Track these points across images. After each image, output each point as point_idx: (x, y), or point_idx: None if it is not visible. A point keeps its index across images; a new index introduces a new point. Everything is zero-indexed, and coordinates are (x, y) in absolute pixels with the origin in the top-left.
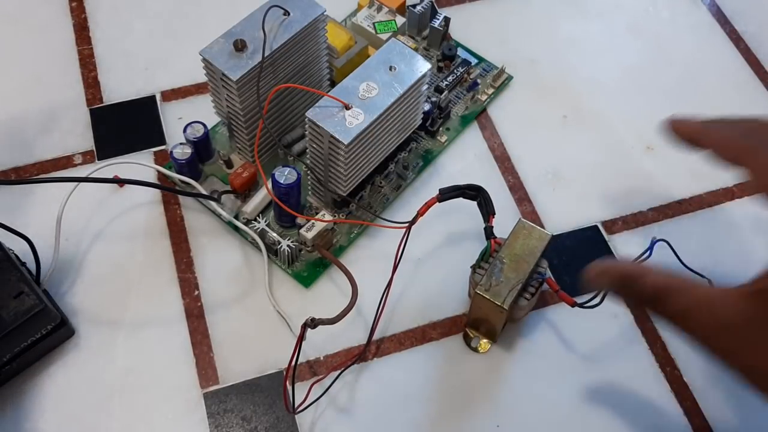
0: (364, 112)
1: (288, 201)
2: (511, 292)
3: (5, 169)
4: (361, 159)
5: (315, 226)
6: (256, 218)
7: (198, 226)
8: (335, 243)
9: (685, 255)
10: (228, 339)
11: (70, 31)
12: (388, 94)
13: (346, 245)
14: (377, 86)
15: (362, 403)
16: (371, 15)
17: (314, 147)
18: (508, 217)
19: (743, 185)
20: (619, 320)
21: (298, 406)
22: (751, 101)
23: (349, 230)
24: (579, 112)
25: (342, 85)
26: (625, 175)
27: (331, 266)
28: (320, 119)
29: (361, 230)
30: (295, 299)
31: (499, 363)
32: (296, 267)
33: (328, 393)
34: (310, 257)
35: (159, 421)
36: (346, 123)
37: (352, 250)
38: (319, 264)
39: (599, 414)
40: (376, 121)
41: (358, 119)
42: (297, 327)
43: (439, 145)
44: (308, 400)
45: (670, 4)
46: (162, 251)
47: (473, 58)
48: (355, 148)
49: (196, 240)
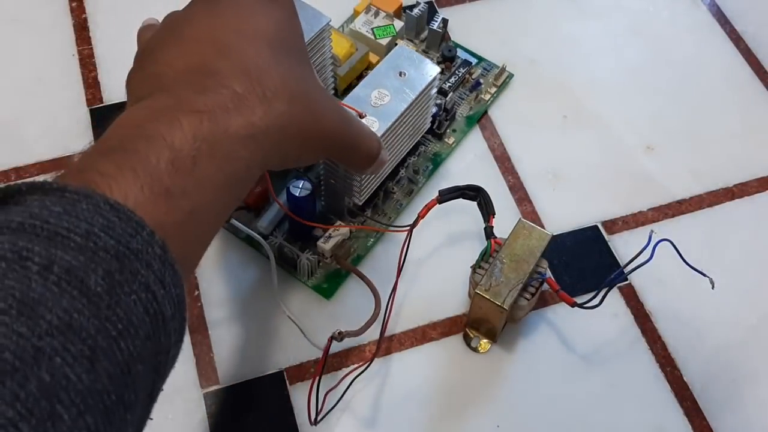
0: (378, 120)
1: (303, 213)
2: (511, 292)
3: (5, 170)
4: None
5: (332, 237)
6: (273, 233)
7: None
8: (353, 252)
9: (685, 255)
10: (228, 339)
11: (70, 31)
12: (400, 100)
13: (364, 254)
14: (389, 93)
15: (362, 403)
16: (369, 20)
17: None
18: (508, 217)
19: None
20: (619, 320)
21: (317, 416)
22: (751, 101)
23: (365, 239)
24: (579, 112)
25: (354, 94)
26: (625, 175)
27: (348, 275)
28: None
29: (377, 237)
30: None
31: (499, 363)
32: (315, 279)
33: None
34: (328, 268)
35: (159, 421)
36: None
37: (367, 258)
38: (338, 274)
39: (599, 414)
40: (390, 128)
41: (373, 127)
42: (313, 336)
43: (447, 147)
44: (324, 409)
45: (670, 4)
46: None
47: (473, 59)
48: None
49: None
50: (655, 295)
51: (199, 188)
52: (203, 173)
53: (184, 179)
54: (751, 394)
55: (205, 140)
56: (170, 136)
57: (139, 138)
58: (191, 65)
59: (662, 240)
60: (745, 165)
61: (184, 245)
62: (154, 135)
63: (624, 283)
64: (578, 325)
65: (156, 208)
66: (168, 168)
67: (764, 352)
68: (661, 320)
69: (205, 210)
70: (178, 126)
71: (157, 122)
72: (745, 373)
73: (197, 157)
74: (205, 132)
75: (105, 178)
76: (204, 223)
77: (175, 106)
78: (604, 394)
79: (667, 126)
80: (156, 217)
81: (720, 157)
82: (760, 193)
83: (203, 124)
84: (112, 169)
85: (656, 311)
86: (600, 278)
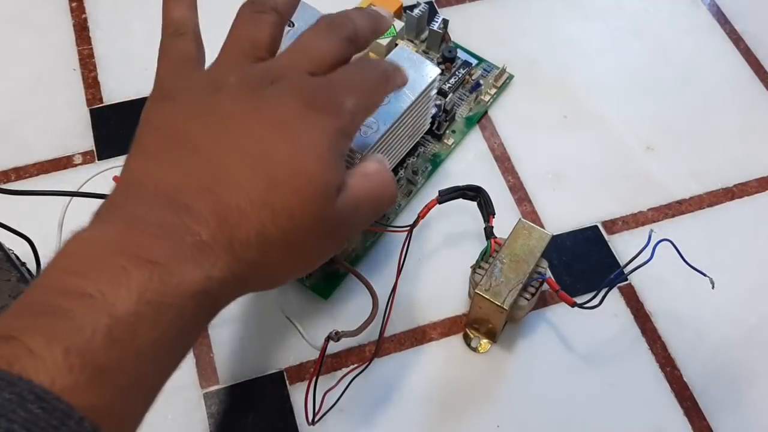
0: (378, 121)
1: None
2: (511, 292)
3: (5, 170)
4: None
5: None
6: None
7: None
8: (351, 252)
9: (685, 255)
10: (228, 339)
11: (70, 31)
12: (400, 101)
13: (363, 254)
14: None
15: (362, 403)
16: None
17: None
18: (508, 217)
19: (743, 185)
20: (619, 320)
21: (315, 416)
22: (751, 101)
23: (363, 239)
24: (579, 112)
25: None
26: (625, 175)
27: (347, 275)
28: None
29: (376, 238)
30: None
31: (499, 363)
32: (313, 279)
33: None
34: (325, 268)
35: (159, 421)
36: (361, 132)
37: (365, 258)
38: (336, 274)
39: (599, 414)
40: (390, 129)
41: (372, 128)
42: (311, 336)
43: (446, 148)
44: (322, 409)
45: (670, 4)
46: None
47: (473, 59)
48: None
49: None
50: (655, 295)
51: (139, 359)
52: (144, 341)
53: (121, 352)
54: (751, 394)
55: (150, 303)
56: (113, 296)
57: (78, 297)
58: (174, 185)
59: (662, 240)
60: (745, 165)
61: (122, 419)
62: (95, 294)
63: (624, 283)
64: (578, 325)
65: (88, 390)
66: (104, 341)
67: (764, 352)
68: (661, 320)
69: (145, 379)
70: (124, 283)
71: (101, 273)
72: (745, 373)
73: (139, 325)
74: (152, 292)
75: (32, 357)
76: (145, 389)
77: (129, 248)
78: (604, 394)
79: (667, 126)
80: (88, 399)
81: (720, 157)
82: (760, 193)
83: (152, 281)
84: (41, 343)
85: (656, 311)
86: (600, 278)
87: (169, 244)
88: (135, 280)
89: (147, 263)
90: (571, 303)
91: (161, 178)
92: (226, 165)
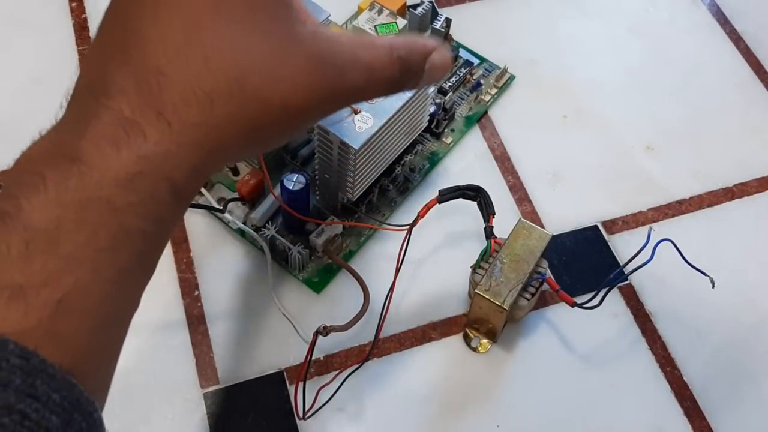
0: (373, 117)
1: (297, 207)
2: (511, 292)
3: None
4: (370, 163)
5: (324, 232)
6: (266, 225)
7: (198, 226)
8: (345, 248)
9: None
10: (228, 339)
11: (70, 31)
12: (396, 98)
13: (356, 249)
14: None
15: (362, 403)
16: (372, 18)
17: (323, 153)
18: (508, 217)
19: (744, 185)
20: (619, 320)
21: (306, 412)
22: (751, 101)
23: (358, 235)
24: (579, 112)
25: None
26: (625, 175)
27: (340, 270)
28: (329, 124)
29: (370, 234)
30: (304, 304)
31: (499, 363)
32: (306, 273)
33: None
34: (319, 263)
35: (159, 421)
36: (355, 128)
37: (360, 254)
38: (330, 269)
39: (599, 414)
40: (385, 125)
41: (367, 124)
42: (305, 331)
43: (445, 146)
44: (316, 405)
45: (670, 4)
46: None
47: (475, 59)
48: (365, 152)
49: (196, 240)
50: (655, 295)
51: (70, 266)
52: (72, 247)
53: (45, 263)
54: (751, 394)
55: (72, 203)
56: (29, 205)
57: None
58: (100, 72)
59: (663, 240)
60: (745, 165)
61: (70, 339)
62: (10, 210)
63: (624, 283)
64: (578, 325)
65: (9, 312)
66: (21, 255)
67: (764, 352)
68: (661, 320)
69: (86, 290)
70: (42, 189)
71: (20, 186)
72: (745, 373)
73: (59, 231)
74: (72, 190)
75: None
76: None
77: (48, 151)
78: (603, 394)
79: (667, 126)
80: (11, 323)
81: (720, 157)
82: (760, 193)
83: (70, 179)
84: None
85: (656, 311)
86: (600, 278)
87: (85, 133)
88: (51, 182)
89: (63, 161)
90: (571, 303)
91: (93, 69)
92: (150, 34)
